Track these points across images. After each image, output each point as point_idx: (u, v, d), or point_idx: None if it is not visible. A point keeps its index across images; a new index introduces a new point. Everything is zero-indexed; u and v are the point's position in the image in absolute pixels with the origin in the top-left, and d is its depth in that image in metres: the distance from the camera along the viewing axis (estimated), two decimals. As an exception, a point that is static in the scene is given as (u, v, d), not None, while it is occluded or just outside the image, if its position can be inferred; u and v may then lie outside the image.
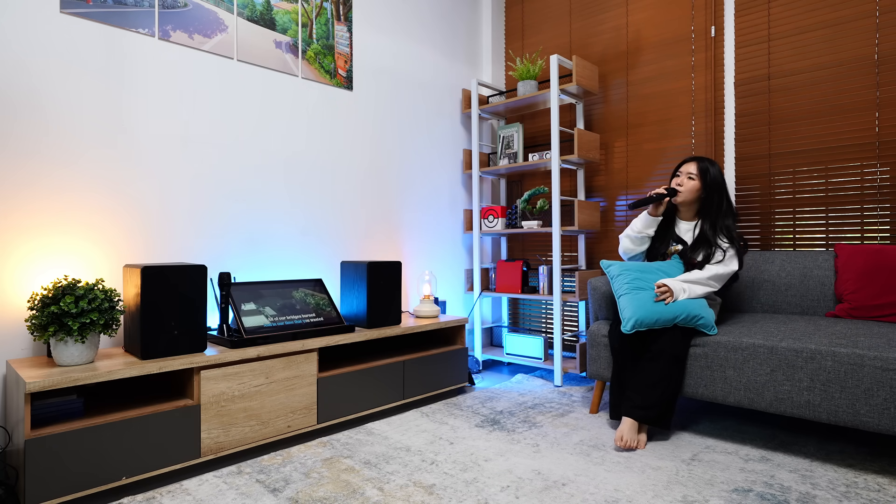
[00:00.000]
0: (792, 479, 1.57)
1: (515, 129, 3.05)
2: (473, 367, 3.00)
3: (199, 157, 2.11)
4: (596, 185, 3.03)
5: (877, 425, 1.53)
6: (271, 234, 2.34)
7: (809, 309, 2.19)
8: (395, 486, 1.53)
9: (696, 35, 2.66)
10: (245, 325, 1.89)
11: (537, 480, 1.57)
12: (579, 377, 2.85)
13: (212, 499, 1.47)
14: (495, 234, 3.11)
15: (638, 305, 1.92)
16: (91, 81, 1.85)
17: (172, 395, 1.75)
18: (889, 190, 2.17)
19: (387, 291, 2.30)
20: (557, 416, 2.18)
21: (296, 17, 2.41)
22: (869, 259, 2.02)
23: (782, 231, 2.42)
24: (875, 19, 2.20)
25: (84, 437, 1.43)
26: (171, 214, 2.04)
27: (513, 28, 3.45)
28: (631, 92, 2.88)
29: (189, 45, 2.07)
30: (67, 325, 1.49)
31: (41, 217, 1.74)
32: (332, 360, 2.25)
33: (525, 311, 3.36)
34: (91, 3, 1.83)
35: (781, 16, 2.41)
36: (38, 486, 1.36)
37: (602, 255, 3.00)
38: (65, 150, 1.79)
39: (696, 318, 1.89)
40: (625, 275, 2.03)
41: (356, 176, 2.68)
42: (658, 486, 1.53)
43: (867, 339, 1.66)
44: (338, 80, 2.59)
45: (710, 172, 2.10)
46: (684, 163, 2.17)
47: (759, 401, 1.74)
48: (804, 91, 2.36)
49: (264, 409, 1.82)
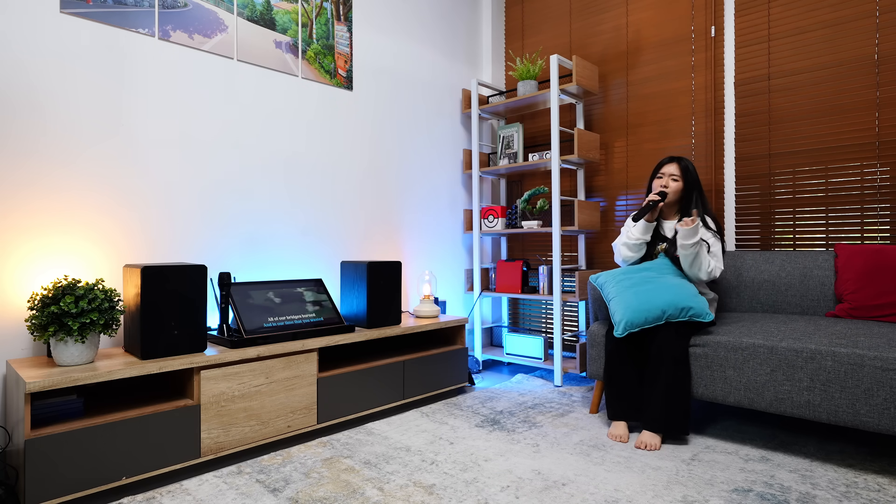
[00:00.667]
0: (792, 479, 1.57)
1: (515, 129, 3.05)
2: (473, 367, 3.00)
3: (199, 157, 2.11)
4: (596, 185, 3.03)
5: (877, 425, 1.54)
6: (271, 233, 2.34)
7: (809, 309, 2.19)
8: (395, 486, 1.53)
9: (696, 35, 2.66)
10: (245, 325, 1.89)
11: (537, 480, 1.57)
12: (579, 377, 2.85)
13: (212, 499, 1.47)
14: (495, 234, 3.11)
15: (625, 306, 1.92)
16: (91, 81, 1.85)
17: (172, 395, 1.75)
18: (889, 190, 2.17)
19: (387, 291, 2.30)
20: (557, 416, 2.18)
21: (296, 17, 2.41)
22: (869, 259, 2.02)
23: (782, 231, 2.42)
24: (875, 19, 2.20)
25: (84, 438, 1.43)
26: (172, 214, 2.04)
27: (513, 28, 3.45)
28: (631, 92, 2.88)
29: (189, 45, 2.07)
30: (67, 325, 1.49)
31: (41, 217, 1.74)
32: (332, 360, 2.25)
33: (525, 311, 3.36)
34: (91, 3, 1.83)
35: (781, 16, 2.41)
36: (38, 486, 1.36)
37: (602, 255, 3.00)
38: (64, 149, 1.79)
39: (686, 310, 1.88)
40: (611, 281, 2.06)
41: (356, 176, 2.68)
42: (658, 486, 1.53)
43: (867, 339, 1.66)
44: (338, 80, 2.59)
45: (689, 171, 2.14)
46: (664, 164, 2.17)
47: (759, 401, 1.74)
48: (804, 91, 2.36)
49: (264, 409, 1.82)
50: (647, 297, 1.91)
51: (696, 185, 2.15)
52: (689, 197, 2.15)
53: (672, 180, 2.13)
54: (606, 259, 2.98)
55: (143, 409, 1.59)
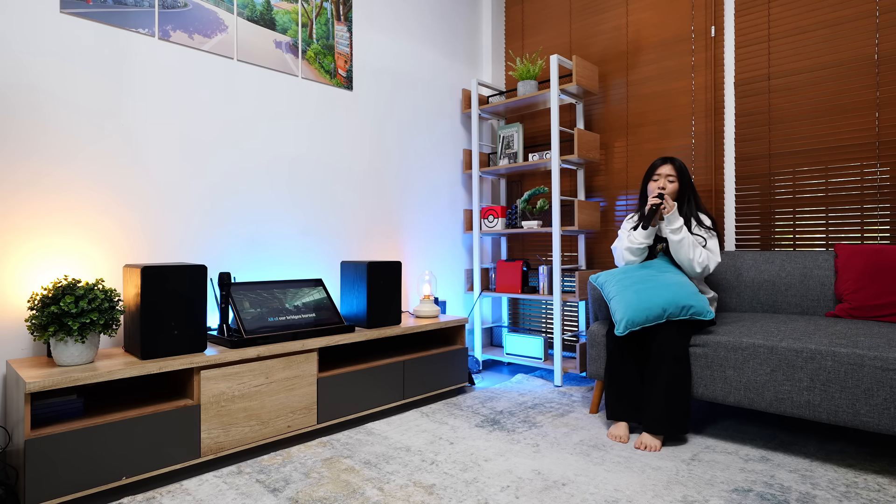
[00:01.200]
0: (792, 479, 1.57)
1: (515, 129, 3.05)
2: (473, 367, 3.00)
3: (199, 157, 2.11)
4: (596, 185, 3.03)
5: (877, 425, 1.54)
6: (271, 233, 2.34)
7: (809, 309, 2.19)
8: (395, 486, 1.53)
9: (696, 35, 2.66)
10: (245, 325, 1.89)
11: (537, 480, 1.57)
12: (579, 377, 2.85)
13: (212, 499, 1.47)
14: (495, 234, 3.11)
15: (626, 305, 1.92)
16: (91, 81, 1.84)
17: (172, 395, 1.75)
18: (889, 190, 2.17)
19: (387, 291, 2.30)
20: (557, 416, 2.18)
21: (296, 17, 2.41)
22: (869, 259, 2.02)
23: (782, 231, 2.42)
24: (875, 19, 2.20)
25: (84, 437, 1.43)
26: (172, 214, 2.04)
27: (513, 28, 3.45)
28: (631, 92, 2.88)
29: (189, 45, 2.07)
30: (67, 325, 1.49)
31: (41, 217, 1.74)
32: (332, 360, 2.25)
33: (525, 311, 3.36)
34: (91, 3, 1.83)
35: (781, 16, 2.41)
36: (38, 486, 1.36)
37: (602, 255, 3.00)
38: (63, 149, 1.79)
39: (686, 309, 1.88)
40: (611, 280, 2.06)
41: (356, 176, 2.68)
42: (658, 486, 1.53)
43: (867, 339, 1.66)
44: (338, 80, 2.59)
45: (683, 171, 2.16)
46: (658, 165, 2.17)
47: (759, 401, 1.74)
48: (804, 91, 2.36)
49: (264, 409, 1.82)
50: (647, 296, 1.91)
51: (690, 184, 2.17)
52: (682, 196, 2.16)
53: (668, 181, 2.14)
54: (606, 259, 2.98)
55: (143, 409, 1.59)
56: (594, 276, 2.18)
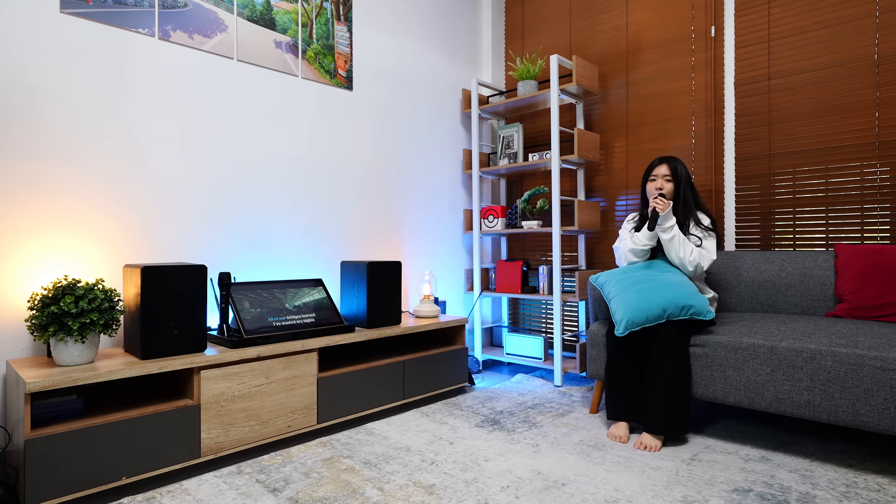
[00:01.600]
0: (792, 479, 1.57)
1: (515, 129, 3.05)
2: (473, 367, 3.00)
3: (198, 156, 2.11)
4: (596, 185, 3.03)
5: (877, 425, 1.54)
6: (271, 233, 2.34)
7: (809, 309, 2.19)
8: (395, 486, 1.53)
9: (696, 35, 2.66)
10: (245, 325, 1.89)
11: (537, 480, 1.57)
12: (579, 377, 2.85)
13: (212, 499, 1.47)
14: (495, 234, 3.11)
15: (626, 305, 1.92)
16: (91, 81, 1.84)
17: (172, 395, 1.75)
18: (889, 190, 2.17)
19: (387, 291, 2.30)
20: (557, 416, 2.18)
21: (296, 17, 2.41)
22: (869, 259, 2.02)
23: (782, 231, 2.42)
24: (875, 19, 2.20)
25: (84, 438, 1.43)
26: (172, 214, 2.04)
27: (513, 28, 3.45)
28: (631, 92, 2.88)
29: (189, 44, 2.07)
30: (67, 325, 1.49)
31: (41, 217, 1.74)
32: (332, 360, 2.25)
33: (525, 311, 3.36)
34: (91, 3, 1.83)
35: (781, 16, 2.41)
36: (38, 486, 1.36)
37: (602, 255, 3.00)
38: (63, 149, 1.79)
39: (686, 309, 1.89)
40: (611, 280, 2.06)
41: (356, 176, 2.68)
42: (658, 486, 1.53)
43: (867, 339, 1.66)
44: (338, 80, 2.59)
45: (679, 170, 2.15)
46: (655, 165, 2.17)
47: (759, 401, 1.74)
48: (804, 91, 2.36)
49: (264, 409, 1.82)
50: (647, 296, 1.91)
51: (688, 184, 2.16)
52: (678, 195, 2.15)
53: (666, 181, 2.14)
54: (606, 259, 2.98)
55: (143, 409, 1.59)
56: (594, 276, 2.18)
